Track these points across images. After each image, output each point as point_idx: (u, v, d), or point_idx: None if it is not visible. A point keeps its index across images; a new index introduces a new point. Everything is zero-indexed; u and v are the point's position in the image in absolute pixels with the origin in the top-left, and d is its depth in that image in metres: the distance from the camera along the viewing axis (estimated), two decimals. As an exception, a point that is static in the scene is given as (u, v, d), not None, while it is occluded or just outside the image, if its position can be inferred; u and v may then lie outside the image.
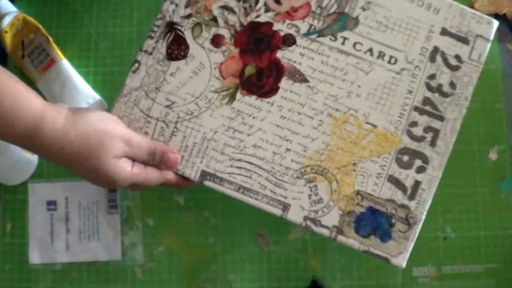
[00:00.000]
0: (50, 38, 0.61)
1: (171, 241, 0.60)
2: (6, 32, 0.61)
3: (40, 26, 0.61)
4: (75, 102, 0.60)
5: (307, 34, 0.53)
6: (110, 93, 0.63)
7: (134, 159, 0.50)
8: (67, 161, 0.48)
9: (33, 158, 0.61)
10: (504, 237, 0.60)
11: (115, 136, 0.48)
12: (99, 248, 0.60)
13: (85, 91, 0.61)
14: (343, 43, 0.52)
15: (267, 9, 0.53)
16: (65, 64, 0.62)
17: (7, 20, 0.61)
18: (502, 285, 0.60)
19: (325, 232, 0.51)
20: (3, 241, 0.60)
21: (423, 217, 0.51)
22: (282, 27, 0.53)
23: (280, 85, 0.52)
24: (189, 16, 0.53)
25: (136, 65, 0.53)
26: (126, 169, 0.48)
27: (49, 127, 0.46)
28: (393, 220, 0.50)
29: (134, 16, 0.65)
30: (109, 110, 0.53)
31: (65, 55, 0.62)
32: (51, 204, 0.61)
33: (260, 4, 0.53)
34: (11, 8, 0.62)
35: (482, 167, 0.62)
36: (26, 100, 0.46)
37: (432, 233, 0.60)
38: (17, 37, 0.62)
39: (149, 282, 0.60)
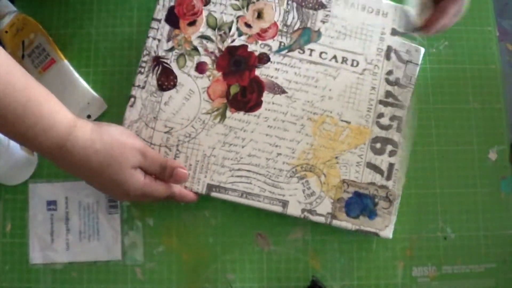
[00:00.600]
0: (50, 38, 0.61)
1: (171, 241, 0.60)
2: (6, 32, 0.61)
3: (40, 26, 0.61)
4: (75, 102, 0.60)
5: (278, 51, 0.59)
6: (110, 93, 0.63)
7: (146, 171, 0.54)
8: (88, 171, 0.51)
9: (33, 158, 0.61)
10: (504, 237, 0.61)
11: (134, 148, 0.52)
12: (99, 248, 0.60)
13: (85, 91, 0.61)
14: (310, 54, 0.59)
15: (240, 34, 0.59)
16: (65, 64, 0.62)
17: (7, 20, 0.61)
18: (502, 285, 0.60)
19: (321, 219, 0.57)
20: (3, 241, 0.60)
21: (401, 193, 0.58)
22: (256, 48, 0.59)
23: (262, 99, 0.58)
24: (172, 49, 0.59)
25: (132, 99, 0.58)
26: (140, 179, 0.53)
27: (79, 136, 0.50)
28: (376, 200, 0.57)
29: (134, 16, 0.65)
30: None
31: (65, 55, 0.62)
32: (51, 204, 0.61)
33: (233, 30, 0.59)
34: (11, 8, 0.62)
35: (482, 167, 0.62)
36: (60, 110, 0.50)
37: (432, 233, 0.61)
38: (17, 37, 0.62)
39: (149, 282, 0.60)
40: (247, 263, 0.60)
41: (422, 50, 0.61)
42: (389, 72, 0.59)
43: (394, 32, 0.59)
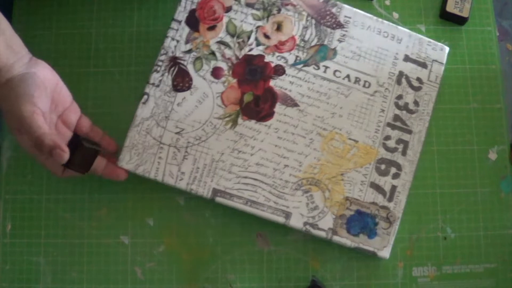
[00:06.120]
0: None
1: (171, 241, 0.60)
2: None
3: None
4: None
5: (294, 64, 0.59)
6: (110, 93, 0.63)
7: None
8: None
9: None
10: (504, 237, 0.61)
11: (13, 114, 0.50)
12: (99, 248, 0.61)
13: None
14: (325, 71, 0.59)
15: (259, 43, 0.59)
16: None
17: None
18: (502, 285, 0.60)
19: (322, 234, 0.57)
20: (3, 241, 0.60)
21: (401, 215, 0.58)
22: (272, 59, 0.59)
23: (275, 110, 0.59)
24: (190, 51, 0.59)
25: (145, 97, 0.58)
26: (22, 142, 0.53)
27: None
28: (377, 220, 0.58)
29: (134, 16, 0.65)
30: (122, 140, 0.57)
31: (65, 55, 0.62)
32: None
33: (252, 39, 0.59)
34: None
35: (482, 167, 0.62)
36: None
37: (432, 233, 0.61)
38: None
39: (149, 282, 0.60)
40: (247, 263, 0.60)
41: (447, 49, 0.61)
42: (399, 97, 0.60)
43: (406, 59, 0.60)
